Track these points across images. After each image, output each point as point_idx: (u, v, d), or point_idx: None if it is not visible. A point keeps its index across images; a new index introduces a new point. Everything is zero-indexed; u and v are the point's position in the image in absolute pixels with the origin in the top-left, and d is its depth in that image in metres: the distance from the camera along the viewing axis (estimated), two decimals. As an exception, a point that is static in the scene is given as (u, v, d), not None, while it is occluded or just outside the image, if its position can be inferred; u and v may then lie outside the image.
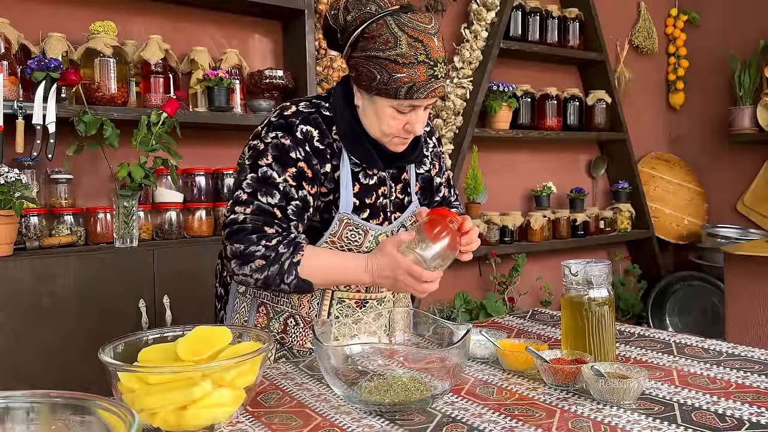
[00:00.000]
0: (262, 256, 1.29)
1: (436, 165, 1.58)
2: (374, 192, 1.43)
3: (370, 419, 1.02)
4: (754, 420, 0.97)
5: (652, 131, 4.35)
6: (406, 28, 1.25)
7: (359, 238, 1.40)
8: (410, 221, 1.49)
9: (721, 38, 4.15)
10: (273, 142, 1.33)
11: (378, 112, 1.33)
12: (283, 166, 1.33)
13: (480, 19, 3.30)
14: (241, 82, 2.62)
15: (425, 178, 1.55)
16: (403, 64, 1.25)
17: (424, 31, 1.26)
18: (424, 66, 1.26)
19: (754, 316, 2.82)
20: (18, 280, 1.89)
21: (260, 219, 1.31)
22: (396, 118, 1.32)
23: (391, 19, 1.26)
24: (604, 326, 1.24)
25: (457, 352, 1.05)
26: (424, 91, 1.28)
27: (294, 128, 1.34)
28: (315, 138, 1.35)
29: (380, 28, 1.26)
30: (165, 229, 2.41)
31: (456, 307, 3.24)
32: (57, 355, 1.92)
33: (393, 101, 1.29)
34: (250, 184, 1.33)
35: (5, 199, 1.92)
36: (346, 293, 1.44)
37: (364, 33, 1.28)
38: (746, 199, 4.06)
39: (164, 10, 2.59)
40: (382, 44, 1.26)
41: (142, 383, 0.92)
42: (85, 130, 2.10)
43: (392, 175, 1.47)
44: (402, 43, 1.25)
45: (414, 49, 1.25)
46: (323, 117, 1.38)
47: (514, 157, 3.75)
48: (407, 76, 1.26)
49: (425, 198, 1.57)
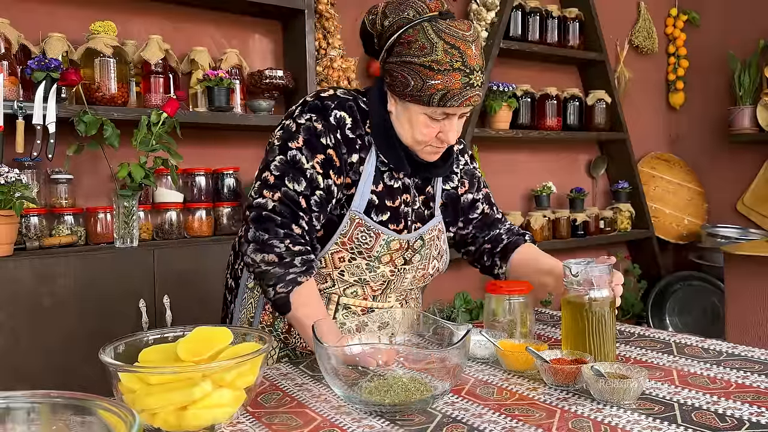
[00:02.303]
0: (278, 255, 1.28)
1: (466, 183, 1.56)
2: (398, 196, 1.40)
3: (370, 420, 1.02)
4: (754, 420, 0.97)
5: (652, 131, 4.35)
6: (443, 35, 1.24)
7: (370, 240, 1.36)
8: (430, 234, 1.45)
9: (721, 38, 4.15)
10: (306, 124, 1.32)
11: (411, 119, 1.31)
12: (313, 152, 1.31)
13: (480, 19, 3.30)
14: (241, 82, 2.62)
15: (450, 195, 1.53)
16: (438, 70, 1.23)
17: (461, 38, 1.25)
18: (460, 73, 1.24)
19: (754, 316, 2.82)
20: (18, 280, 1.89)
21: (288, 210, 1.29)
22: (429, 126, 1.30)
23: (428, 25, 1.25)
24: (605, 326, 1.23)
25: (457, 352, 1.05)
26: (458, 99, 1.25)
27: (329, 111, 1.32)
28: (347, 126, 1.33)
29: (417, 33, 1.25)
30: (165, 229, 2.41)
31: (456, 307, 3.25)
32: (57, 355, 1.92)
33: (426, 108, 1.27)
34: (278, 167, 1.31)
35: (5, 199, 1.92)
36: (352, 300, 1.42)
37: (401, 38, 1.27)
38: (746, 199, 4.06)
39: (164, 10, 2.59)
40: (417, 50, 1.24)
41: (143, 384, 0.92)
42: (85, 130, 2.10)
43: (417, 185, 1.44)
44: (438, 49, 1.23)
45: (450, 55, 1.23)
46: (359, 107, 1.36)
47: (514, 157, 3.75)
48: (441, 83, 1.24)
49: (448, 216, 1.54)
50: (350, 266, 1.37)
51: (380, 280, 1.40)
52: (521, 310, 1.40)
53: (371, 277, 1.39)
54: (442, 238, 1.49)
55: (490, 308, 1.42)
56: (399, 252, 1.39)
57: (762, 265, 2.77)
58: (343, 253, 1.36)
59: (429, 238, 1.44)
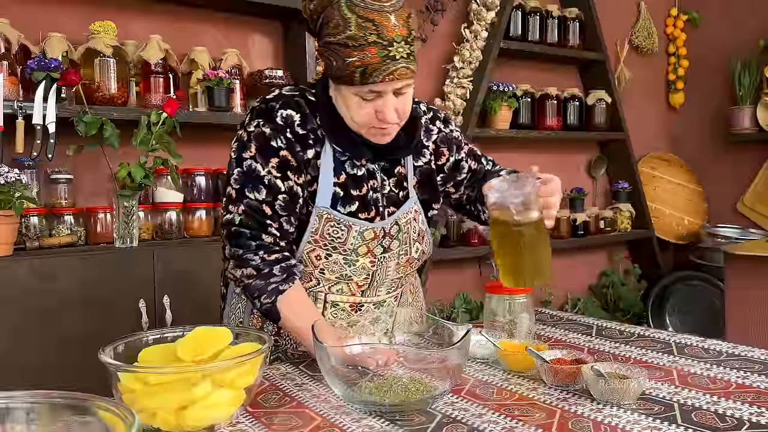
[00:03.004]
0: (255, 267, 1.28)
1: (444, 151, 1.47)
2: (364, 184, 1.36)
3: (370, 420, 1.02)
4: (755, 420, 0.97)
5: (652, 131, 4.35)
6: (357, 9, 1.18)
7: (342, 234, 1.33)
8: (405, 218, 1.40)
9: (721, 38, 4.15)
10: (255, 131, 1.30)
11: (346, 102, 1.26)
12: (266, 157, 1.29)
13: (480, 19, 3.30)
14: (241, 82, 2.62)
15: (424, 171, 1.45)
16: (353, 47, 1.18)
17: (377, 9, 1.18)
18: (376, 47, 1.17)
19: (754, 316, 2.82)
20: (18, 280, 1.89)
21: (255, 221, 1.29)
22: (363, 107, 1.24)
23: (344, 2, 1.19)
24: (534, 248, 1.19)
25: (457, 352, 1.05)
26: (379, 74, 1.18)
27: (274, 113, 1.30)
28: (296, 122, 1.30)
29: (333, 12, 1.20)
30: (165, 229, 2.41)
31: (456, 307, 3.24)
32: (57, 355, 1.92)
33: (353, 88, 1.22)
34: (237, 180, 1.31)
35: (5, 199, 1.92)
36: (340, 296, 1.40)
37: (322, 20, 1.23)
38: (746, 198, 4.06)
39: (164, 10, 2.59)
40: (333, 28, 1.20)
41: (142, 383, 0.92)
42: (85, 130, 2.10)
43: (383, 167, 1.39)
44: (351, 24, 1.18)
45: (364, 29, 1.17)
46: (307, 101, 1.32)
47: (514, 157, 3.75)
48: (359, 59, 1.18)
49: (426, 193, 1.47)
50: (328, 263, 1.35)
51: (363, 274, 1.37)
52: (521, 310, 1.40)
53: (352, 272, 1.36)
54: (420, 218, 1.44)
55: (490, 308, 1.42)
56: (375, 241, 1.36)
57: (762, 265, 2.77)
58: (318, 250, 1.34)
59: (405, 222, 1.40)
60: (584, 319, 1.70)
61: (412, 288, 1.59)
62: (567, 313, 1.91)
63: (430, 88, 3.40)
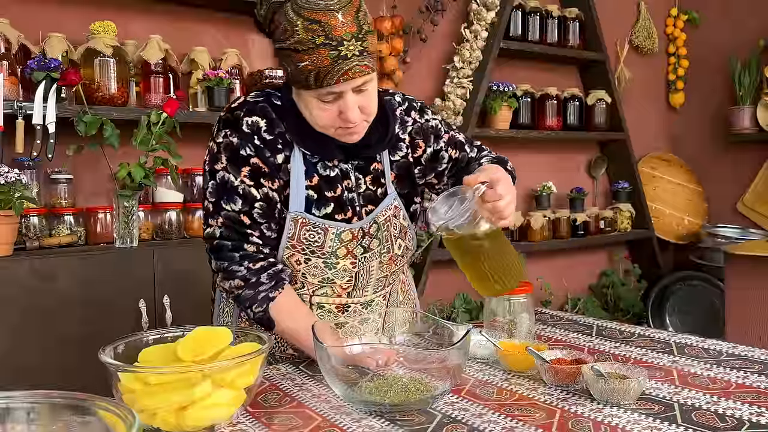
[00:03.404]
0: (242, 278, 1.28)
1: (421, 142, 1.41)
2: (338, 184, 1.32)
3: (370, 420, 1.02)
4: (755, 420, 0.97)
5: (652, 131, 4.35)
6: (302, 11, 1.14)
7: (319, 237, 1.30)
8: (384, 216, 1.36)
9: (721, 38, 4.15)
10: (223, 142, 1.28)
11: (307, 105, 1.23)
12: (237, 167, 1.27)
13: (480, 19, 3.29)
14: (241, 82, 2.62)
15: (402, 166, 1.40)
16: (303, 51, 1.14)
17: (323, 9, 1.13)
18: (326, 48, 1.13)
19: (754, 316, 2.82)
20: (18, 280, 1.89)
21: (235, 232, 1.28)
22: (324, 108, 1.21)
23: (289, 5, 1.15)
24: (495, 257, 1.16)
25: (457, 352, 1.05)
26: (333, 75, 1.15)
27: (240, 121, 1.27)
28: (263, 128, 1.27)
29: (280, 17, 1.16)
30: (165, 229, 2.41)
31: (456, 307, 3.24)
32: (57, 355, 1.92)
33: (311, 92, 1.19)
34: (212, 193, 1.30)
35: (5, 199, 1.92)
36: (325, 298, 1.38)
37: (272, 26, 1.20)
38: (746, 198, 4.06)
39: (164, 10, 2.59)
40: (281, 34, 1.17)
41: (143, 383, 0.92)
42: (85, 130, 2.10)
43: (358, 166, 1.35)
44: (298, 28, 1.14)
45: (311, 32, 1.13)
46: (273, 105, 1.29)
47: (514, 157, 3.70)
48: (310, 63, 1.14)
49: (406, 187, 1.42)
50: (308, 267, 1.34)
51: (345, 276, 1.35)
52: (521, 310, 1.40)
53: (334, 275, 1.34)
54: (401, 214, 1.40)
55: (490, 308, 1.42)
56: (354, 242, 1.33)
57: (762, 265, 2.77)
58: (297, 255, 1.33)
59: (385, 219, 1.36)
60: (584, 319, 1.70)
61: (403, 286, 1.56)
62: (567, 313, 1.91)
63: (430, 88, 3.40)
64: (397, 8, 3.15)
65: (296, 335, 1.30)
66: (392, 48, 3.08)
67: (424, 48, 3.30)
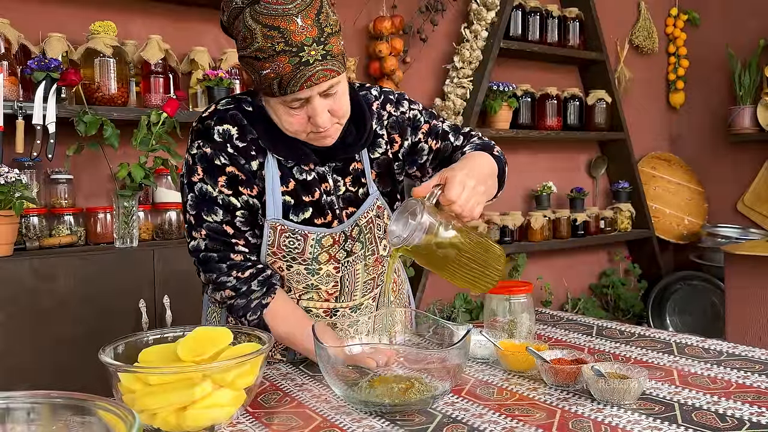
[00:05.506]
0: (232, 288, 1.27)
1: (397, 137, 1.36)
2: (315, 188, 1.29)
3: (370, 420, 1.02)
4: (755, 420, 0.97)
5: (652, 131, 4.35)
6: (261, 17, 1.10)
7: (299, 244, 1.28)
8: (366, 218, 1.33)
9: (721, 38, 4.15)
10: (198, 153, 1.25)
11: (275, 112, 1.20)
12: (213, 177, 1.24)
13: (480, 19, 3.30)
14: (241, 82, 2.62)
15: (382, 163, 1.36)
16: (263, 59, 1.11)
17: (281, 14, 1.09)
18: (286, 55, 1.10)
19: (754, 316, 2.82)
20: (18, 280, 1.89)
21: (219, 243, 1.27)
22: (292, 114, 1.18)
23: (248, 12, 1.11)
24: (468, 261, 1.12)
25: (457, 352, 1.05)
26: (296, 82, 1.11)
27: (211, 131, 1.24)
28: (234, 136, 1.24)
29: (239, 24, 1.13)
30: (165, 229, 2.41)
31: (456, 307, 3.24)
32: (57, 355, 1.92)
33: (276, 99, 1.16)
34: (192, 205, 1.27)
35: (5, 199, 1.92)
36: (312, 303, 1.36)
37: (233, 34, 1.17)
38: (746, 198, 4.06)
39: (164, 10, 2.59)
40: (241, 42, 1.14)
41: (143, 384, 0.92)
42: (85, 130, 2.10)
43: (335, 168, 1.31)
44: (257, 36, 1.10)
45: (270, 39, 1.09)
46: (244, 112, 1.26)
47: (514, 157, 3.75)
48: (272, 71, 1.11)
49: (387, 185, 1.38)
50: (291, 274, 1.32)
51: (330, 282, 1.34)
52: (521, 310, 1.40)
53: (318, 281, 1.33)
54: (385, 213, 1.36)
55: (490, 308, 1.42)
56: (336, 246, 1.31)
57: (762, 264, 2.77)
58: (279, 262, 1.31)
59: (367, 221, 1.33)
60: (584, 319, 1.70)
61: (395, 285, 1.53)
62: (567, 313, 1.91)
63: (430, 88, 3.40)
64: (397, 8, 3.15)
65: (293, 339, 1.30)
66: (392, 48, 3.07)
67: (424, 48, 3.30)
